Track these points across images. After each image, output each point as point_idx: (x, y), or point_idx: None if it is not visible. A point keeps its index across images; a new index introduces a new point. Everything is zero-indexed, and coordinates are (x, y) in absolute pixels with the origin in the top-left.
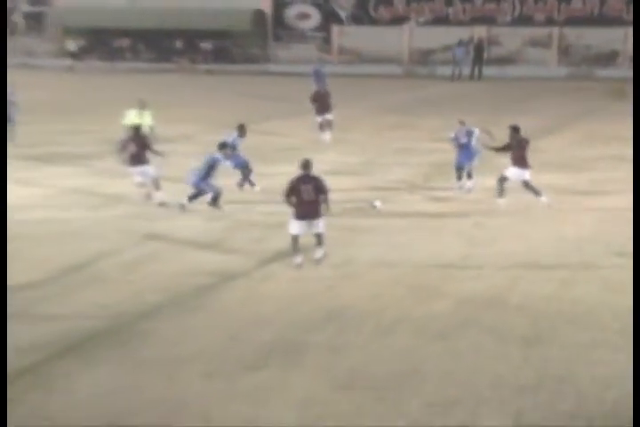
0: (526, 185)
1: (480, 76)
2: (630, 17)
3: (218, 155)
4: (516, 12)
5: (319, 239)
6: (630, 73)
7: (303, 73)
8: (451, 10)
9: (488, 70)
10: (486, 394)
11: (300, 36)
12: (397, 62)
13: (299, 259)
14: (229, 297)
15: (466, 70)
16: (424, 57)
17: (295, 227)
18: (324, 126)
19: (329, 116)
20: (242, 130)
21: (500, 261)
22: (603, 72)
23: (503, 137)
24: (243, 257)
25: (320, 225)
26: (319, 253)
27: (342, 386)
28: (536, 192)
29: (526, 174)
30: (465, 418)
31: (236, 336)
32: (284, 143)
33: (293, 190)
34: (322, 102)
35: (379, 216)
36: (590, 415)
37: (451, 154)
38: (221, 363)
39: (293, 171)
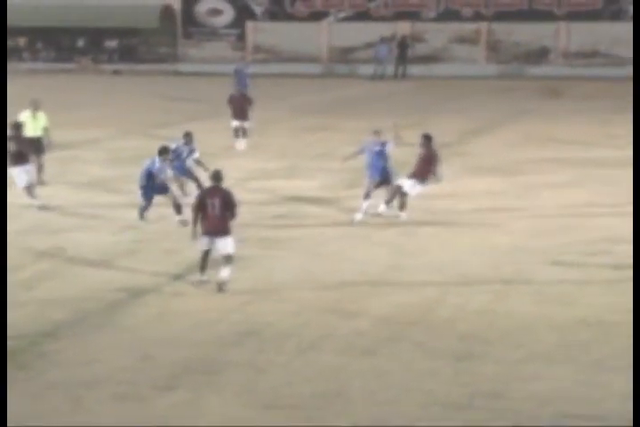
0: (402, 195)
1: (404, 75)
2: (561, 11)
3: (155, 162)
4: (442, 7)
5: (225, 260)
6: (563, 71)
7: (216, 72)
8: (372, 4)
9: (412, 69)
10: (416, 413)
11: (212, 34)
12: (316, 61)
13: (203, 277)
14: (140, 314)
15: (389, 69)
16: (344, 55)
17: (203, 243)
18: (238, 132)
19: (245, 124)
20: (188, 137)
21: (430, 273)
22: (534, 70)
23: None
24: (154, 271)
25: (226, 244)
26: (224, 273)
27: (262, 406)
28: (401, 206)
29: (417, 189)
30: None
31: (148, 356)
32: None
33: (200, 204)
34: (237, 107)
35: (300, 226)
36: None
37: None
38: (133, 384)
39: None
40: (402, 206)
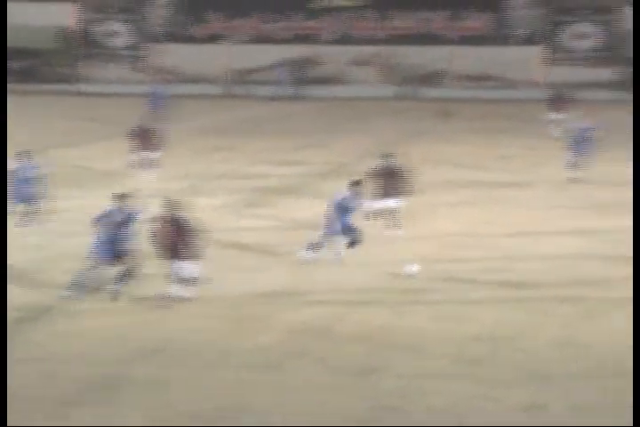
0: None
1: (303, 97)
2: (454, 36)
3: None
4: (340, 31)
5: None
6: (456, 93)
7: (117, 93)
8: (271, 28)
9: (311, 90)
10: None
11: (112, 55)
12: (216, 82)
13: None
14: (41, 332)
15: (288, 90)
16: (244, 76)
17: None
18: (144, 165)
19: (152, 155)
20: (28, 157)
21: (331, 290)
22: (428, 92)
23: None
24: (55, 290)
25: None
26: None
27: (164, 421)
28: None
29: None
30: None
31: (51, 374)
32: (99, 168)
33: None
34: (144, 138)
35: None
36: None
37: (273, 178)
38: (37, 402)
39: (108, 198)
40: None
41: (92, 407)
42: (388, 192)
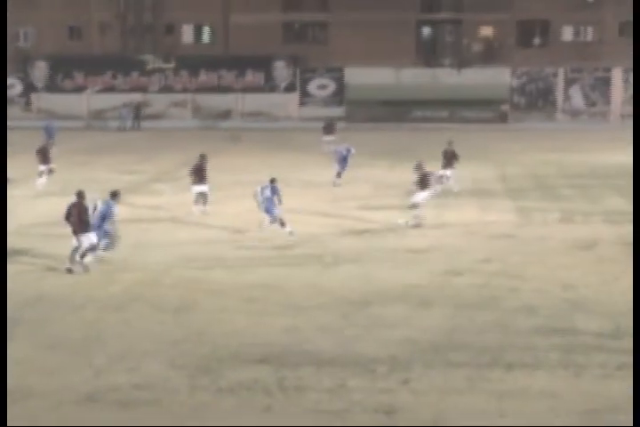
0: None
1: (139, 128)
2: (239, 86)
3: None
4: (162, 83)
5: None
6: (241, 124)
7: (10, 126)
8: (116, 82)
9: (144, 124)
10: (149, 348)
11: (9, 101)
12: (80, 119)
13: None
14: None
15: (128, 124)
16: (99, 114)
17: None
18: (42, 174)
19: (50, 166)
20: None
21: (155, 260)
22: (222, 124)
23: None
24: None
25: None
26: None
27: (48, 347)
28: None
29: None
30: (134, 365)
31: None
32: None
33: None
34: (44, 154)
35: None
36: (219, 356)
37: (122, 182)
38: None
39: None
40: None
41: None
42: (200, 181)
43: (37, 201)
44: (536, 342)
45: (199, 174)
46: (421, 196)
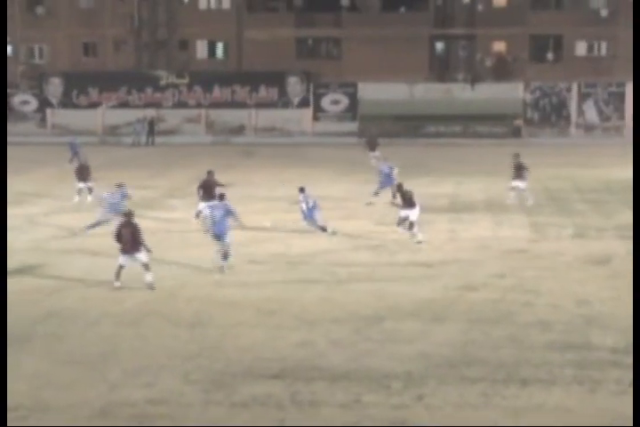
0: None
1: (153, 144)
2: (252, 102)
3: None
4: (176, 99)
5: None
6: (254, 139)
7: (26, 142)
8: (130, 97)
9: (158, 139)
10: (163, 362)
11: (24, 117)
12: (94, 134)
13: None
14: None
15: (143, 139)
16: (113, 130)
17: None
18: (81, 191)
19: (88, 184)
20: None
21: (169, 274)
22: (236, 139)
23: (169, 183)
24: None
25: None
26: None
27: (64, 362)
28: None
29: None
30: (149, 380)
31: None
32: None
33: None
34: (81, 171)
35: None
36: (233, 371)
37: (136, 197)
38: None
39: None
40: None
41: (10, 355)
42: (209, 198)
43: (52, 217)
44: (551, 358)
45: (208, 191)
46: (414, 213)
